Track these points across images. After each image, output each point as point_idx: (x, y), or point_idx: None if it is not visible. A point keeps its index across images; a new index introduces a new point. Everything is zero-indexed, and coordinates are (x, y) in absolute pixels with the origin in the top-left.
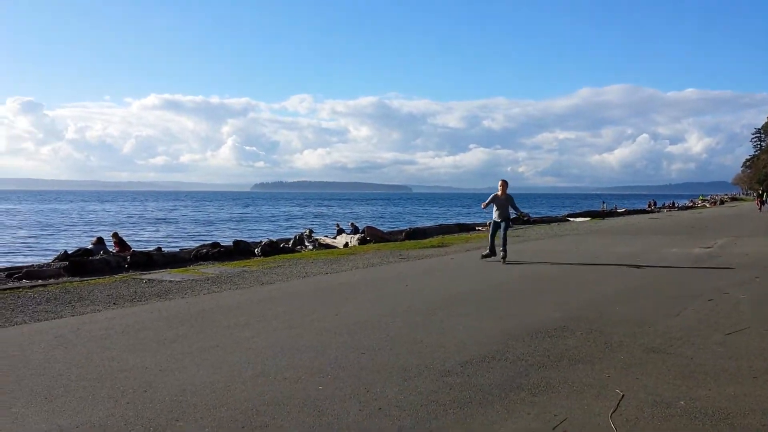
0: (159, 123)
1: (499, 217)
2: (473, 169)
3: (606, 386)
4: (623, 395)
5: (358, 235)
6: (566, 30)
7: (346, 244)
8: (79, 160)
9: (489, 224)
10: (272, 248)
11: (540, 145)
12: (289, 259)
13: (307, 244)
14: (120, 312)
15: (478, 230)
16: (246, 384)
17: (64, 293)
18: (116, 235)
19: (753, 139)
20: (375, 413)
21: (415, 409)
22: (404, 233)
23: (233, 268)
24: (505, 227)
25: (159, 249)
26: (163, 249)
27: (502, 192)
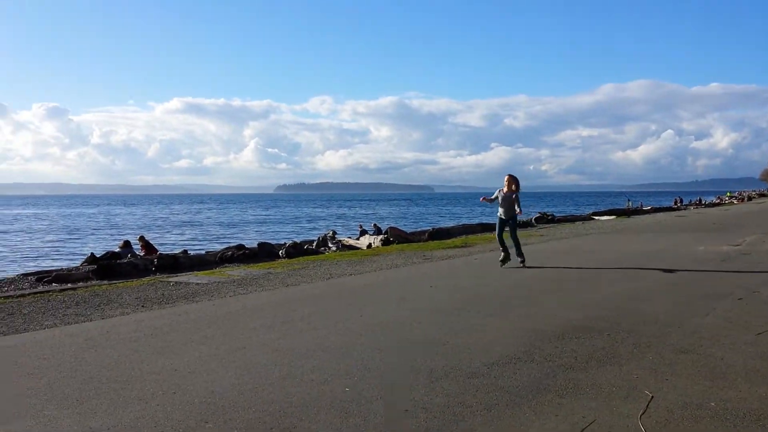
0: (182, 126)
1: (504, 214)
2: (495, 168)
3: (634, 388)
4: (652, 397)
5: (381, 236)
6: (587, 25)
7: (370, 245)
8: (105, 164)
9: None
10: (296, 250)
11: (563, 142)
12: (313, 260)
13: (330, 245)
14: (148, 315)
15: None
16: (273, 385)
17: (93, 296)
18: (143, 238)
19: None
20: (402, 415)
21: (442, 411)
22: (427, 234)
23: (258, 270)
24: (512, 226)
25: (185, 252)
26: (188, 252)
27: (508, 188)
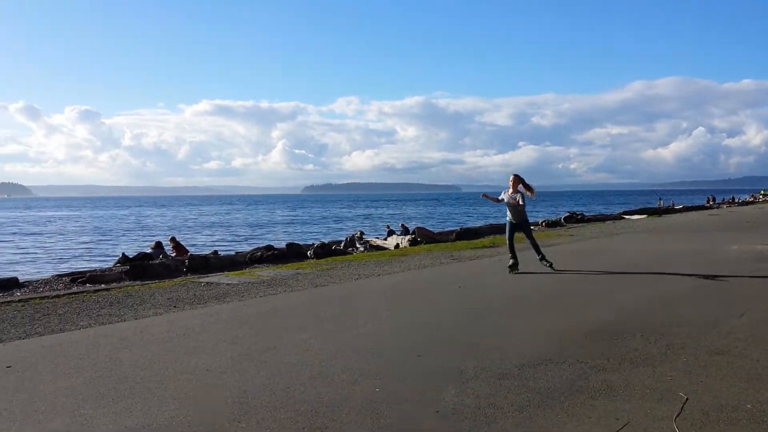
0: (211, 128)
1: (513, 217)
2: (524, 167)
3: (669, 389)
4: (687, 399)
5: (409, 236)
6: (616, 22)
7: (397, 246)
8: (136, 166)
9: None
10: (324, 250)
11: (592, 140)
12: (341, 261)
13: (358, 245)
14: (180, 315)
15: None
16: (304, 386)
17: (127, 297)
18: (174, 239)
19: None
20: (432, 416)
21: (473, 413)
22: (455, 234)
23: (287, 271)
24: (526, 229)
25: (215, 252)
26: (219, 252)
27: (513, 188)
